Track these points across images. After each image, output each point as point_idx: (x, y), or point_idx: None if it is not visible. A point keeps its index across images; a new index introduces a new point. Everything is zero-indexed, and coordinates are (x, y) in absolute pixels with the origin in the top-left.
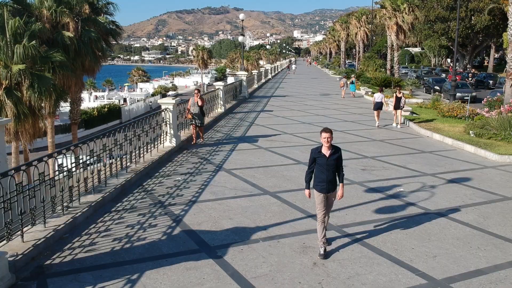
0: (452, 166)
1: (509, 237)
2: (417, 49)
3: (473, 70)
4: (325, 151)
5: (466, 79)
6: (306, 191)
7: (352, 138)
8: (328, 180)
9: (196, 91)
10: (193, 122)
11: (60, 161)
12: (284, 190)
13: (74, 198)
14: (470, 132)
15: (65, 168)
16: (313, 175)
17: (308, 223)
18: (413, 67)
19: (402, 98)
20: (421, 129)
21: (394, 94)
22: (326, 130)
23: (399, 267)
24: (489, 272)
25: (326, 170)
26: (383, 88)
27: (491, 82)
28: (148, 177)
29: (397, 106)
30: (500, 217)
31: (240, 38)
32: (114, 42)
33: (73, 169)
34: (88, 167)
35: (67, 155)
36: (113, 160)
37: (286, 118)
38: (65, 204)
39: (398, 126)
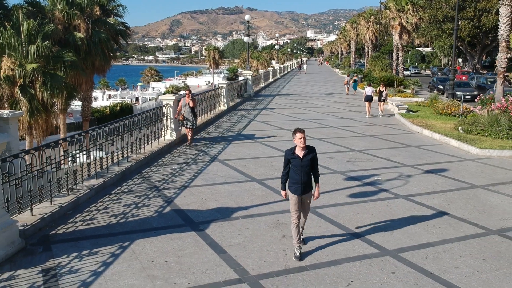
0: (433, 159)
1: (465, 218)
2: (428, 49)
3: (464, 69)
4: (299, 152)
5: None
6: (283, 192)
7: (345, 134)
8: (302, 182)
9: (187, 92)
10: (183, 124)
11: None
12: (270, 177)
13: (78, 181)
14: (459, 128)
15: (70, 154)
16: (287, 178)
17: (286, 205)
18: (423, 67)
19: (384, 92)
20: (413, 126)
21: (378, 88)
22: (300, 130)
23: (357, 239)
24: (436, 245)
25: (300, 171)
26: (383, 84)
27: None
28: (148, 166)
29: (380, 99)
30: (463, 202)
31: (246, 39)
32: (123, 42)
33: (77, 156)
34: (91, 155)
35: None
36: (115, 149)
37: (286, 116)
38: (69, 186)
39: (380, 115)
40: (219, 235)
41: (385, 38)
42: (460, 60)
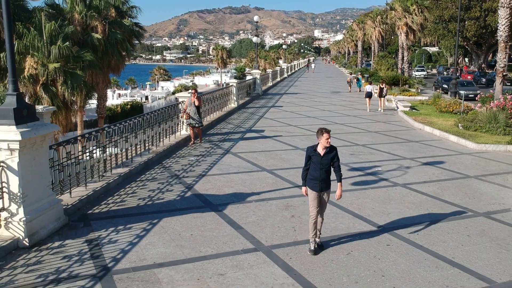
0: (432, 153)
1: (456, 203)
2: (435, 49)
3: (470, 68)
4: (321, 150)
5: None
6: (303, 188)
7: (350, 130)
8: (321, 179)
9: (193, 91)
10: (190, 123)
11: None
12: (280, 168)
13: (107, 169)
14: (459, 125)
15: (101, 145)
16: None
17: (294, 191)
18: (429, 66)
19: (384, 88)
20: (415, 123)
21: (379, 85)
22: (327, 131)
23: (358, 219)
24: (427, 224)
25: (319, 169)
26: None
27: None
28: (167, 157)
29: (380, 95)
30: (455, 190)
31: (255, 39)
32: (136, 42)
33: (108, 146)
34: (118, 146)
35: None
36: (138, 142)
37: (294, 113)
38: (100, 173)
39: (381, 110)
40: (235, 214)
41: (392, 37)
42: (466, 59)
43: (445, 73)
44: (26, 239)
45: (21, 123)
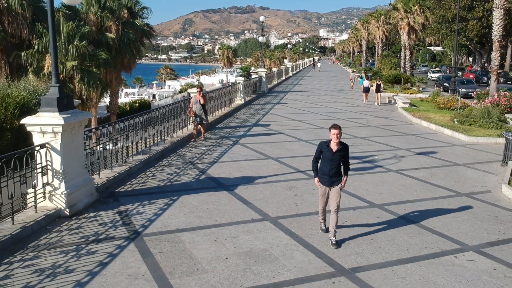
0: (426, 144)
1: (442, 186)
2: (439, 48)
3: (473, 67)
4: (333, 146)
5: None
6: (316, 179)
7: (351, 124)
8: (330, 174)
9: (198, 89)
10: (195, 120)
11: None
12: (285, 156)
13: (129, 155)
14: (455, 120)
15: (124, 133)
16: (317, 166)
17: (297, 175)
18: (433, 65)
19: (381, 85)
20: (413, 118)
21: (375, 82)
22: (336, 126)
23: (352, 197)
24: (414, 202)
25: (329, 165)
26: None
27: (501, 80)
28: (181, 147)
29: (377, 90)
30: (443, 175)
31: (260, 39)
32: (146, 41)
33: (129, 135)
34: (138, 135)
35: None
36: (155, 132)
37: (298, 109)
38: (123, 158)
39: (377, 104)
40: (245, 193)
41: (396, 37)
42: (470, 59)
43: (447, 71)
44: (67, 209)
45: (62, 110)
